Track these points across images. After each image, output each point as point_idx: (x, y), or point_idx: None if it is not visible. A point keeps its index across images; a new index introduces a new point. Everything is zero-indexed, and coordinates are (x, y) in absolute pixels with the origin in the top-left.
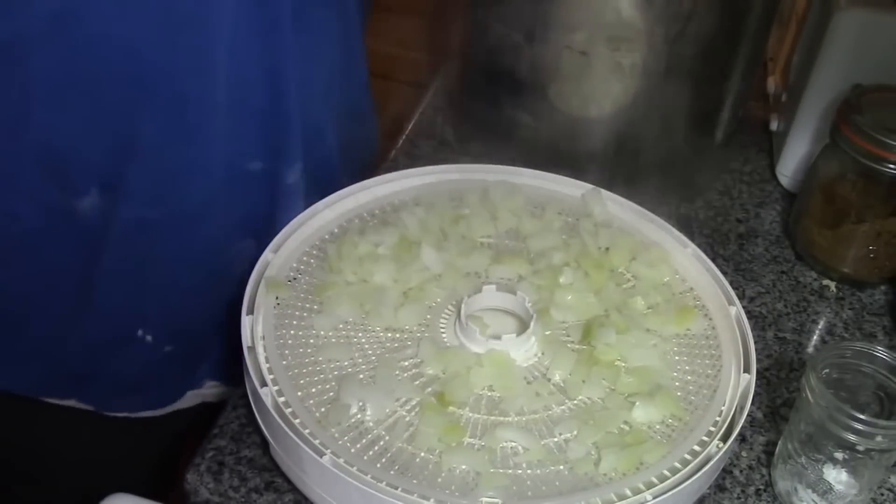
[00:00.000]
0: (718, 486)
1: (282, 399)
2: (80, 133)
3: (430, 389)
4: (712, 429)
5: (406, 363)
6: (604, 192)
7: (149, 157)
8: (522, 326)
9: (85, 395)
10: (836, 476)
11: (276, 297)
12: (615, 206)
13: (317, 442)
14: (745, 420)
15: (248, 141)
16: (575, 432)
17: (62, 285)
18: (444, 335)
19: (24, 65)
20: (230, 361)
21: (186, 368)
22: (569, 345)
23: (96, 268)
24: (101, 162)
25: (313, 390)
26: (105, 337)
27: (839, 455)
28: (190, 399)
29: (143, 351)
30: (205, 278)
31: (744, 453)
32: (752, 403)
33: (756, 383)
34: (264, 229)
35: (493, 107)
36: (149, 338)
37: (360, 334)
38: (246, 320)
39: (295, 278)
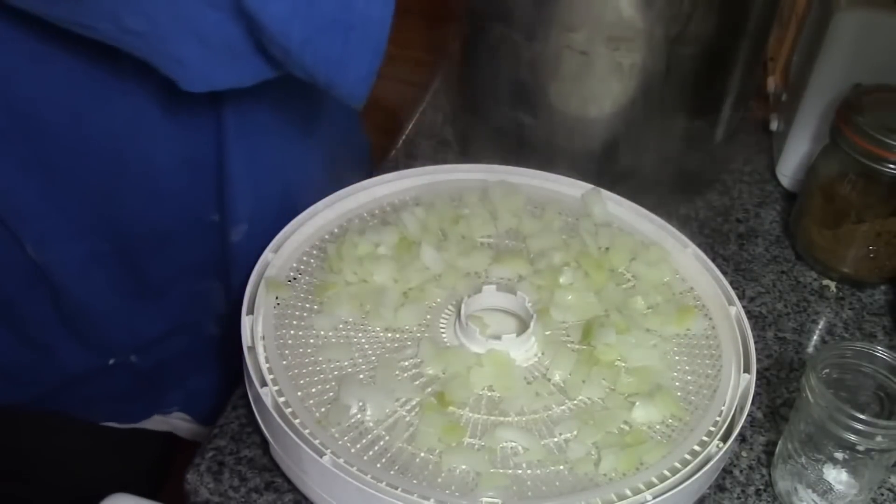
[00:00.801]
0: (718, 486)
1: (282, 399)
2: (18, 179)
3: (430, 389)
4: (712, 429)
5: (406, 363)
6: (604, 192)
7: (94, 202)
8: (522, 326)
9: (52, 402)
10: (836, 476)
11: (276, 297)
12: (615, 206)
13: (317, 442)
14: (745, 420)
15: (203, 195)
16: (575, 432)
17: (25, 308)
18: (444, 335)
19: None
20: (203, 397)
21: (157, 391)
22: (569, 345)
23: (51, 293)
24: (42, 208)
25: (313, 390)
26: (80, 361)
27: (839, 455)
28: (156, 424)
29: (121, 374)
30: (179, 308)
31: (744, 453)
32: (752, 403)
33: (756, 383)
34: (226, 273)
35: (493, 107)
36: (133, 359)
37: (360, 334)
38: (246, 320)
39: (295, 278)
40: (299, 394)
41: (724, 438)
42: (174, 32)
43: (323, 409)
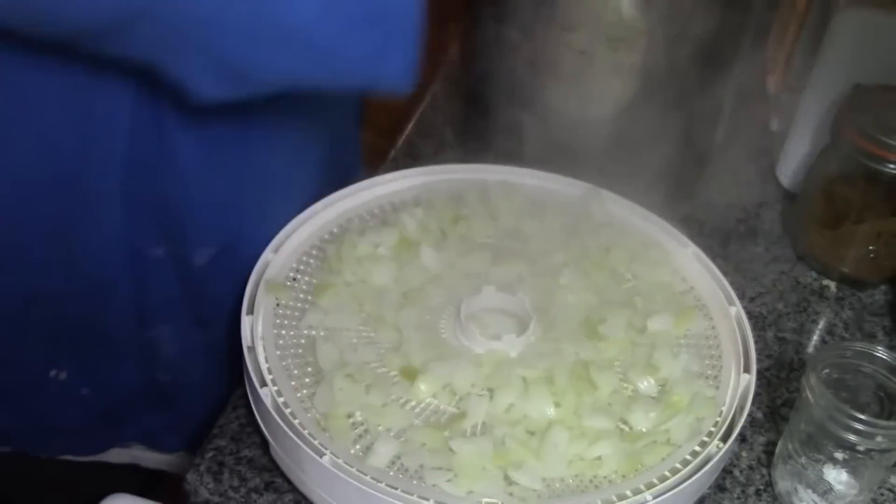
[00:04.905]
0: (718, 486)
1: (281, 399)
2: None
3: (429, 390)
4: (712, 429)
5: (405, 363)
6: (604, 192)
7: (52, 237)
8: (522, 326)
9: (7, 440)
10: (837, 476)
11: (276, 298)
12: (615, 206)
13: (316, 442)
14: (745, 420)
15: (144, 229)
16: (575, 433)
17: None
18: (444, 335)
19: None
20: (160, 432)
21: (112, 424)
22: (569, 345)
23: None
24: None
25: (313, 391)
26: (20, 376)
27: (839, 455)
28: (117, 456)
29: (57, 389)
30: (122, 351)
31: (744, 453)
32: (752, 403)
33: (756, 383)
34: (180, 313)
35: (493, 107)
36: (63, 375)
37: (359, 335)
38: (246, 320)
39: (295, 278)
40: (299, 394)
41: (724, 438)
42: (186, 50)
43: (322, 410)
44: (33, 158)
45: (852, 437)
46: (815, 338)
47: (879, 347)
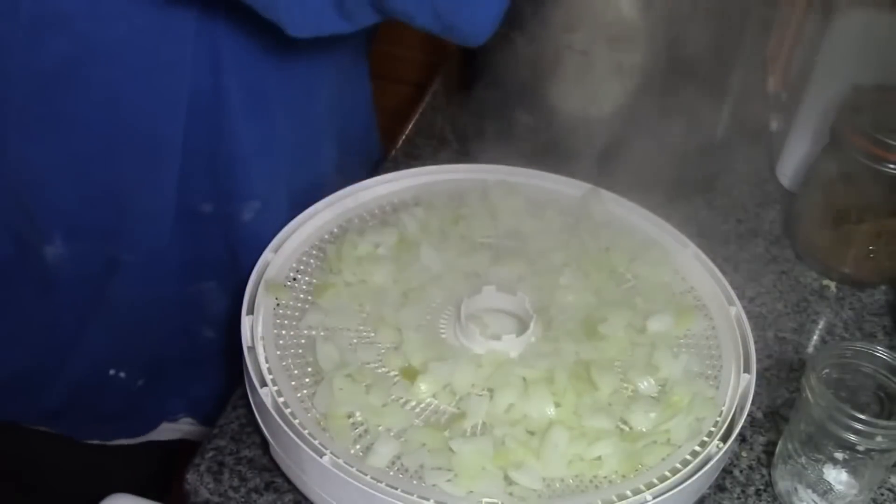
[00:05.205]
0: (718, 486)
1: (281, 399)
2: (50, 172)
3: (429, 390)
4: (712, 429)
5: (405, 364)
6: (604, 192)
7: (117, 198)
8: (522, 326)
9: (56, 423)
10: (837, 476)
11: (276, 298)
12: (615, 206)
13: (316, 442)
14: (745, 420)
15: (197, 183)
16: (575, 433)
17: (35, 319)
18: (444, 335)
19: (5, 92)
20: (205, 401)
21: (159, 400)
22: (568, 345)
23: (65, 305)
24: (66, 207)
25: (313, 391)
26: (80, 374)
27: (839, 455)
28: (167, 432)
29: (116, 388)
30: (171, 316)
31: (744, 453)
32: (752, 403)
33: (756, 383)
34: (225, 271)
35: (493, 107)
36: (122, 374)
37: (359, 335)
38: (246, 320)
39: (295, 278)
40: (299, 394)
41: (724, 438)
42: None
43: (322, 410)
44: (99, 114)
45: (852, 437)
46: (815, 338)
47: (879, 347)
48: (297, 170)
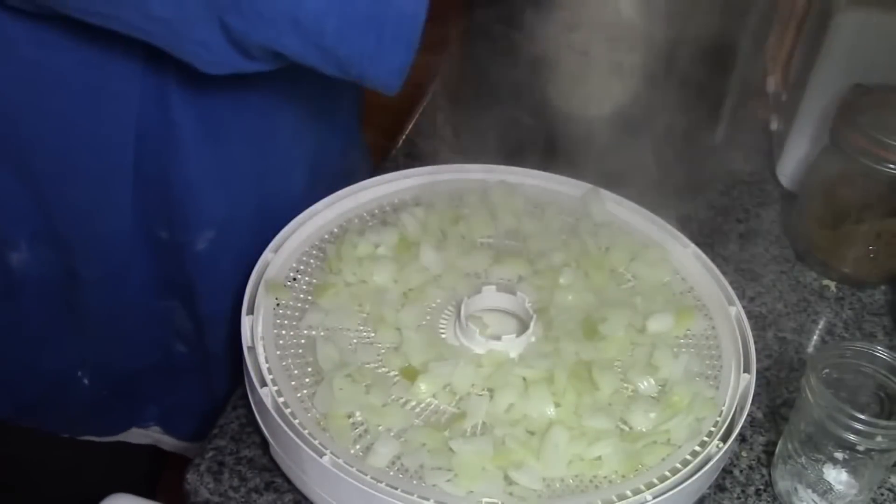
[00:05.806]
0: (718, 486)
1: (281, 399)
2: (11, 183)
3: (429, 390)
4: (712, 429)
5: (405, 364)
6: (604, 192)
7: (74, 217)
8: (522, 326)
9: (31, 418)
10: (836, 476)
11: (276, 298)
12: (615, 206)
13: (316, 442)
14: (745, 420)
15: (152, 209)
16: (575, 433)
17: (2, 318)
18: (444, 336)
19: None
20: (179, 414)
21: (128, 407)
22: (568, 345)
23: (31, 308)
24: (29, 216)
25: (313, 391)
26: (50, 372)
27: (839, 455)
28: (137, 437)
29: (83, 391)
30: (140, 327)
31: (744, 453)
32: (752, 403)
33: (756, 383)
34: (187, 295)
35: (493, 106)
36: (86, 381)
37: (359, 335)
38: (246, 320)
39: (295, 278)
40: (299, 394)
41: (724, 438)
42: (201, 17)
43: (322, 410)
44: (53, 138)
45: (852, 437)
46: (815, 338)
47: (879, 347)
48: (263, 198)
